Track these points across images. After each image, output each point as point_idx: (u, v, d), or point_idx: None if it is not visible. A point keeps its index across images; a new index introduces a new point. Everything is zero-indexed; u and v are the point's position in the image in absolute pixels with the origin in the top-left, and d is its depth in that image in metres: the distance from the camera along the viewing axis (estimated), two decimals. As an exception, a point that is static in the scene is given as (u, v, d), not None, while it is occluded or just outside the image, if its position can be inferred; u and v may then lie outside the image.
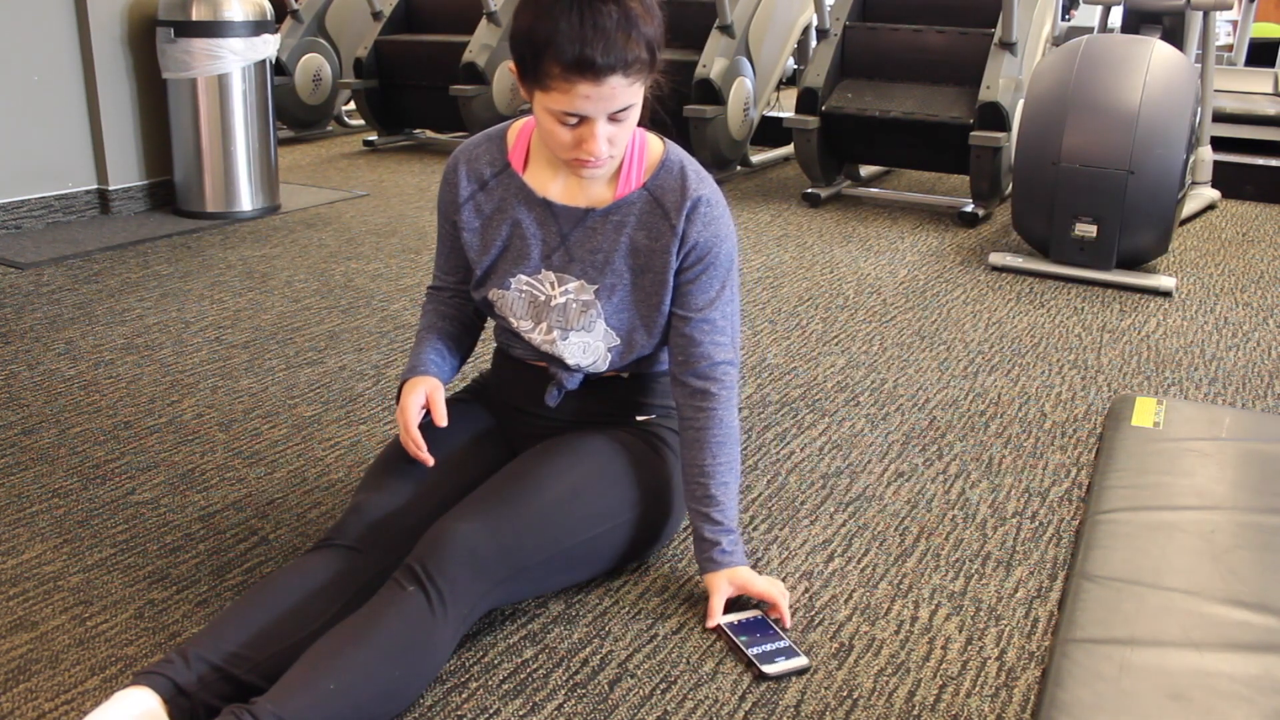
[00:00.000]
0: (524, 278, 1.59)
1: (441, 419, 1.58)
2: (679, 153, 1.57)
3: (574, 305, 1.58)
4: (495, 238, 1.59)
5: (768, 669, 1.45)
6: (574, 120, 1.38)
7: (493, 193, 1.59)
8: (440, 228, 1.67)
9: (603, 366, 1.63)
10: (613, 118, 1.39)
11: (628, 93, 1.37)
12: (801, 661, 1.47)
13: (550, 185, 1.57)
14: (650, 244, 1.54)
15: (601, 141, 1.40)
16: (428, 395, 1.59)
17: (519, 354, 1.68)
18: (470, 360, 2.49)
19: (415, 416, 1.57)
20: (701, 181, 1.55)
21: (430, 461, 1.57)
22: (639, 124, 1.51)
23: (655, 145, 1.57)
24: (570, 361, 1.62)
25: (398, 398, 1.62)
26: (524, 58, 1.37)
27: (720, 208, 1.56)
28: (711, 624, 1.55)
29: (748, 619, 1.56)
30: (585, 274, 1.57)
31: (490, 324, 1.74)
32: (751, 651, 1.48)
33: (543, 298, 1.59)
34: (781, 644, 1.51)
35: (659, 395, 1.71)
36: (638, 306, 1.58)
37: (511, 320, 1.63)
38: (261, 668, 1.31)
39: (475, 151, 1.61)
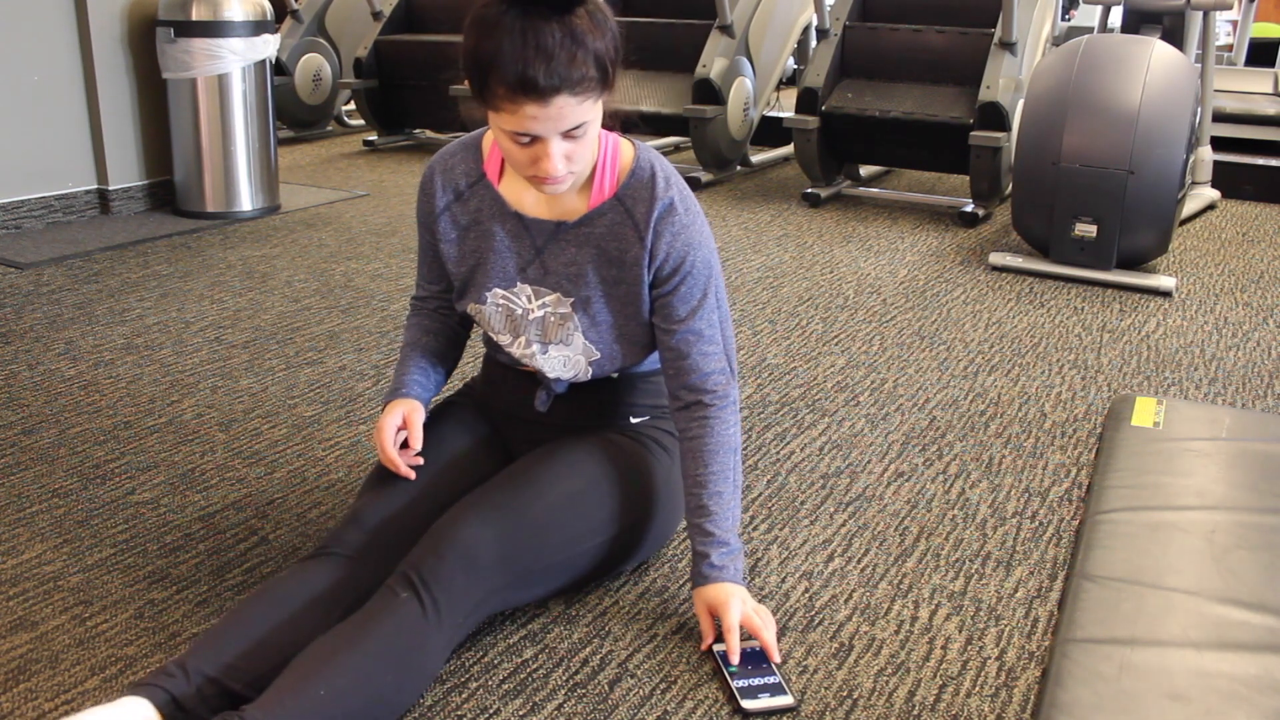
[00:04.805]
0: (500, 291, 1.57)
1: (417, 443, 1.58)
2: (649, 156, 1.53)
3: (551, 319, 1.56)
4: (471, 249, 1.57)
5: (748, 704, 1.38)
6: (526, 139, 1.35)
7: (468, 204, 1.56)
8: (420, 237, 1.65)
9: (585, 379, 1.61)
10: (567, 135, 1.35)
11: (578, 111, 1.32)
12: (787, 700, 1.40)
13: (524, 197, 1.53)
14: (621, 255, 1.51)
15: (557, 160, 1.36)
16: (405, 417, 1.59)
17: (506, 359, 1.67)
18: (469, 360, 2.49)
19: (390, 439, 1.57)
20: (669, 186, 1.50)
21: (412, 475, 1.56)
22: (611, 130, 1.48)
23: (627, 150, 1.52)
24: (550, 374, 1.60)
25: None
26: (472, 77, 1.34)
27: (691, 214, 1.51)
28: (704, 647, 1.50)
29: (743, 650, 1.47)
30: (561, 287, 1.54)
31: (478, 330, 1.73)
32: (736, 684, 1.41)
33: (519, 311, 1.57)
34: (771, 679, 1.43)
35: (651, 396, 1.69)
36: (615, 319, 1.55)
37: (491, 333, 1.62)
38: (260, 680, 1.30)
39: (450, 161, 1.58)
